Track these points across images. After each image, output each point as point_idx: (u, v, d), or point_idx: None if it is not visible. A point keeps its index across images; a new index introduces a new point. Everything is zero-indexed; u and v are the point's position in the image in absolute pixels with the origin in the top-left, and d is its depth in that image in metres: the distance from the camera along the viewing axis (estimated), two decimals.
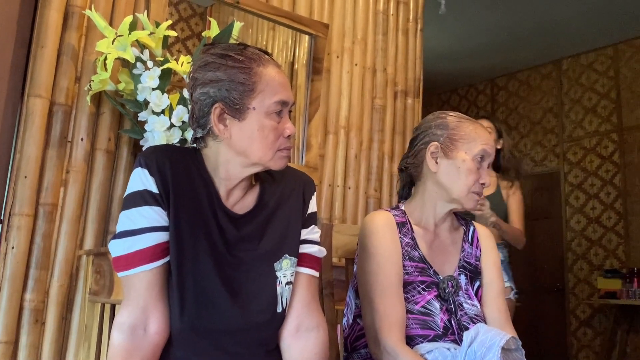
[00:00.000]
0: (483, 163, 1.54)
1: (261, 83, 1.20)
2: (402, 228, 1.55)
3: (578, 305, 6.20)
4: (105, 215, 2.23)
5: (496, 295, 1.58)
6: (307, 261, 1.34)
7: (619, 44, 6.15)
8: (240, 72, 1.19)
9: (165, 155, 1.21)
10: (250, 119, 1.19)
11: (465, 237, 1.64)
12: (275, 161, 1.23)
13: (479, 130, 1.56)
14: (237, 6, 2.67)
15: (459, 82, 7.56)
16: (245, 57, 1.21)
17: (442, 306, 1.48)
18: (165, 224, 1.17)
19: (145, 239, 1.16)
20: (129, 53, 2.09)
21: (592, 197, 6.23)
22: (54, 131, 2.15)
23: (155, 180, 1.17)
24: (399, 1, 3.43)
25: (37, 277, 2.07)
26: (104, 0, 2.31)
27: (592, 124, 6.31)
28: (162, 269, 1.18)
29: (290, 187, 1.35)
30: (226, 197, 1.26)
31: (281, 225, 1.30)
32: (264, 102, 1.19)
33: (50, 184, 2.12)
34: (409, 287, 1.48)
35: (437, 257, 1.56)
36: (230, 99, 1.18)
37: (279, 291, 1.26)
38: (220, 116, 1.20)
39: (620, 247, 5.94)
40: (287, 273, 1.28)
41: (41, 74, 2.12)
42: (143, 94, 2.09)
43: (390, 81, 3.29)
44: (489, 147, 1.54)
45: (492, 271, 1.60)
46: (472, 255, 1.61)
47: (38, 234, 2.09)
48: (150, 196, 1.17)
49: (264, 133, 1.20)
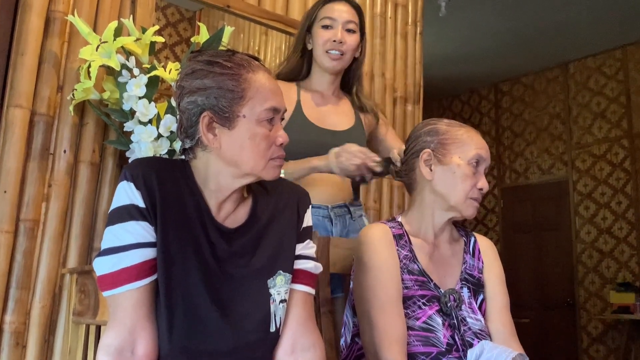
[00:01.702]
0: (479, 168, 1.55)
1: (251, 90, 1.20)
2: (400, 240, 1.55)
3: (590, 321, 6.19)
4: (89, 232, 2.22)
5: (500, 309, 1.59)
6: (302, 278, 1.34)
7: (628, 45, 6.18)
8: (228, 79, 1.20)
9: (152, 168, 1.20)
10: (240, 128, 1.19)
11: (467, 249, 1.64)
12: (267, 171, 1.23)
13: (472, 134, 1.58)
14: (228, 10, 2.67)
15: (461, 87, 7.59)
16: (233, 63, 1.22)
17: (444, 321, 1.47)
18: (153, 240, 1.17)
19: (131, 256, 1.15)
20: (114, 60, 2.09)
21: (602, 206, 6.24)
22: (35, 143, 2.15)
23: (141, 193, 1.17)
24: (398, 4, 3.44)
25: (18, 298, 2.05)
26: (88, 5, 2.31)
27: (602, 130, 6.33)
28: (149, 287, 1.17)
29: (284, 200, 1.35)
30: (217, 210, 1.25)
31: (275, 239, 1.30)
32: (254, 109, 1.20)
33: (31, 198, 2.12)
34: (408, 302, 1.48)
35: (437, 269, 1.56)
36: (219, 107, 1.19)
37: (272, 309, 1.25)
38: (209, 125, 1.20)
39: (633, 258, 5.94)
40: (281, 290, 1.27)
41: (21, 83, 2.12)
42: (129, 103, 2.09)
43: (389, 87, 3.30)
44: (483, 151, 1.56)
45: (495, 284, 1.61)
46: (474, 267, 1.61)
47: (18, 251, 2.08)
48: (137, 211, 1.16)
49: (255, 142, 1.20)
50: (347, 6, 2.06)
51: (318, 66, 2.07)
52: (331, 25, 2.01)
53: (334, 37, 1.99)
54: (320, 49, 2.02)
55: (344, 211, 2.00)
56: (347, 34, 2.01)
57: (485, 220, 7.25)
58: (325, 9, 2.04)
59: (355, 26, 2.04)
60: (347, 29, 2.02)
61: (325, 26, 2.02)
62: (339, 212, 1.99)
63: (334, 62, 2.02)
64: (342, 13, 2.02)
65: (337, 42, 1.99)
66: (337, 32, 2.00)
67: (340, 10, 2.03)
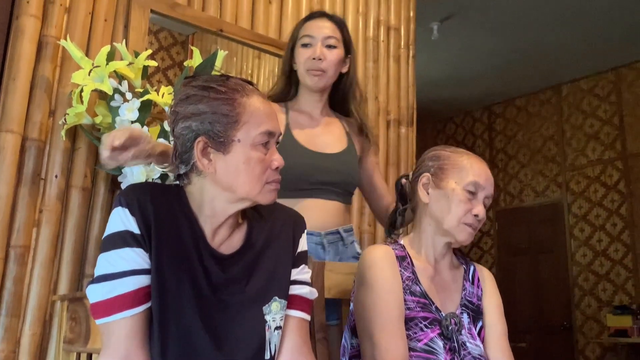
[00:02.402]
0: (478, 195, 1.56)
1: (245, 114, 1.20)
2: (402, 262, 1.56)
3: (587, 345, 6.17)
4: (81, 258, 2.21)
5: (499, 337, 1.60)
6: (297, 303, 1.33)
7: (620, 67, 6.25)
8: (223, 103, 1.20)
9: (146, 194, 1.20)
10: (235, 152, 1.19)
11: (466, 276, 1.65)
12: (263, 195, 1.23)
13: (473, 161, 1.59)
14: (221, 34, 2.69)
15: (454, 110, 7.64)
16: (228, 88, 1.22)
17: (445, 345, 1.48)
18: (147, 267, 1.16)
19: (126, 283, 1.14)
20: (106, 84, 2.10)
21: (598, 228, 6.25)
22: (26, 168, 2.14)
23: (136, 219, 1.16)
24: (390, 27, 3.48)
25: (8, 325, 2.03)
26: (80, 30, 2.32)
27: (595, 152, 6.37)
28: (143, 316, 1.15)
29: (279, 224, 1.35)
30: (212, 236, 1.25)
31: (270, 265, 1.29)
32: (249, 133, 1.20)
33: (22, 224, 2.11)
34: (410, 323, 1.48)
35: (438, 293, 1.57)
36: (213, 132, 1.18)
37: (267, 337, 1.24)
38: (203, 150, 1.19)
39: (629, 281, 5.94)
40: (276, 317, 1.26)
41: (13, 108, 2.12)
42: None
43: (383, 110, 3.32)
44: (482, 179, 1.56)
45: (494, 312, 1.63)
46: (473, 294, 1.62)
47: (9, 278, 2.06)
48: (132, 237, 1.15)
49: (250, 166, 1.20)
50: (327, 22, 2.03)
51: (303, 86, 2.05)
52: (310, 43, 1.99)
53: (313, 55, 1.97)
54: (302, 68, 2.00)
55: (336, 238, 1.98)
56: (327, 50, 1.98)
57: (480, 243, 7.25)
58: (304, 27, 2.03)
59: (336, 41, 2.00)
60: (327, 44, 1.99)
61: (305, 44, 2.00)
62: (331, 238, 1.97)
63: (316, 79, 1.99)
64: (320, 29, 2.00)
65: (317, 59, 1.96)
66: (317, 49, 1.97)
67: (319, 26, 2.01)
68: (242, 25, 2.82)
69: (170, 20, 2.57)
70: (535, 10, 5.12)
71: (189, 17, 2.58)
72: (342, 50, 2.03)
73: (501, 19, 5.30)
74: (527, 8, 5.10)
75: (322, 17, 2.04)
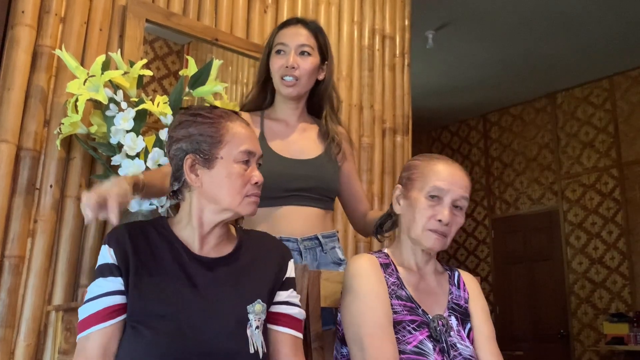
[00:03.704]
0: (444, 200, 1.56)
1: (228, 135, 1.38)
2: (387, 269, 1.59)
3: (584, 353, 6.17)
4: (75, 268, 2.21)
5: (487, 338, 1.61)
6: (288, 322, 1.43)
7: (615, 75, 6.28)
8: (209, 127, 1.38)
9: (125, 233, 1.36)
10: (218, 167, 1.36)
11: (451, 281, 1.68)
12: (243, 207, 1.38)
13: (440, 167, 1.61)
14: (216, 43, 2.70)
15: (449, 118, 7.66)
16: (214, 114, 1.40)
17: (435, 346, 1.49)
18: (120, 289, 1.31)
19: (97, 304, 1.29)
20: (101, 94, 2.09)
21: (593, 236, 6.27)
22: (21, 178, 2.14)
23: (114, 251, 1.32)
24: (385, 36, 3.49)
25: (2, 336, 2.02)
26: (75, 40, 2.32)
27: (591, 160, 6.39)
28: (114, 328, 1.29)
29: (267, 247, 1.49)
30: (200, 245, 1.40)
31: (256, 273, 1.42)
32: (231, 151, 1.37)
33: (17, 234, 2.10)
34: (398, 326, 1.50)
35: (424, 298, 1.59)
36: (200, 150, 1.37)
37: (249, 333, 1.32)
38: (192, 167, 1.37)
39: (625, 288, 5.95)
40: (258, 318, 1.36)
41: (8, 118, 2.12)
42: (116, 137, 2.09)
43: (378, 118, 3.32)
44: (444, 183, 1.57)
45: (481, 315, 1.64)
46: (460, 297, 1.65)
47: (3, 288, 2.05)
48: (107, 268, 1.32)
49: (231, 179, 1.36)
50: (302, 29, 2.01)
51: (278, 94, 2.03)
52: (283, 51, 1.97)
53: (286, 63, 1.95)
54: (276, 75, 1.98)
55: (314, 243, 1.96)
56: (300, 58, 1.96)
57: (476, 252, 7.26)
58: (279, 35, 2.01)
59: (310, 49, 1.98)
60: (301, 51, 1.97)
61: (278, 51, 1.98)
62: (308, 244, 1.95)
63: (290, 89, 1.98)
64: (294, 37, 1.98)
65: (289, 67, 1.94)
66: (290, 57, 1.96)
67: (293, 34, 1.99)
68: (237, 35, 2.83)
69: (166, 30, 2.57)
70: (530, 19, 5.15)
71: (184, 26, 2.59)
72: (318, 57, 2.01)
73: (496, 28, 5.33)
74: (522, 17, 5.13)
75: (297, 24, 2.02)
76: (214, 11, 2.78)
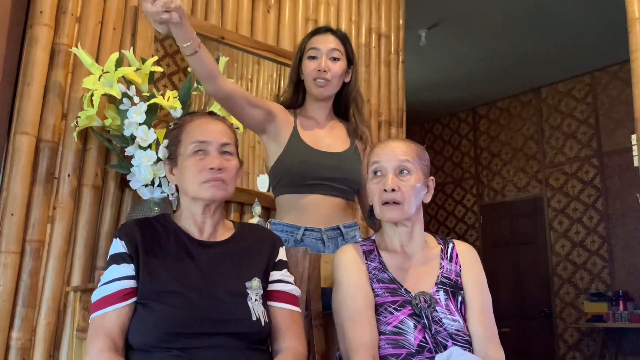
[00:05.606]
0: (388, 173, 1.60)
1: (184, 133, 1.48)
2: (370, 255, 1.60)
3: (566, 330, 6.19)
4: (92, 251, 2.21)
5: (480, 311, 1.55)
6: (284, 298, 1.47)
7: (595, 71, 6.26)
8: (175, 131, 1.50)
9: (133, 224, 1.46)
10: (181, 162, 1.46)
11: (443, 255, 1.63)
12: (202, 192, 1.43)
13: (379, 146, 1.68)
14: (222, 41, 2.69)
15: (441, 112, 7.64)
16: (183, 120, 1.53)
17: (416, 324, 1.47)
18: (131, 274, 1.36)
19: (113, 286, 1.35)
20: (115, 89, 2.09)
21: (575, 221, 6.26)
22: (40, 168, 2.14)
23: (124, 242, 1.39)
24: (381, 34, 3.47)
25: (24, 315, 2.03)
26: (90, 38, 2.32)
27: (573, 150, 6.38)
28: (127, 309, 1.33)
29: (260, 235, 1.55)
30: (199, 232, 1.47)
31: (253, 258, 1.47)
32: (186, 146, 1.46)
33: (37, 220, 2.10)
34: (380, 308, 1.50)
35: (409, 276, 1.57)
36: (170, 154, 1.50)
37: (250, 305, 1.37)
38: (170, 169, 1.50)
39: (605, 270, 5.96)
40: (255, 292, 1.41)
41: (28, 112, 2.12)
42: (129, 129, 2.09)
43: (375, 112, 3.32)
44: (380, 157, 1.61)
45: (474, 287, 1.59)
46: (451, 271, 1.60)
47: (25, 271, 2.06)
48: (119, 257, 1.38)
49: (189, 170, 1.44)
50: (331, 36, 2.10)
51: (310, 94, 2.11)
52: (316, 56, 2.06)
53: (319, 67, 2.03)
54: (308, 78, 2.07)
55: (336, 233, 2.01)
56: (331, 62, 2.05)
57: (466, 236, 7.26)
58: (311, 41, 2.10)
59: (339, 54, 2.07)
60: (332, 57, 2.06)
61: (311, 57, 2.07)
62: (331, 234, 2.00)
63: (321, 89, 2.06)
64: (325, 43, 2.07)
65: (322, 70, 2.03)
66: (322, 61, 2.04)
67: (324, 40, 2.08)
68: (242, 33, 2.82)
69: None
70: (516, 18, 5.13)
71: (192, 25, 2.57)
72: (345, 62, 2.10)
73: (485, 27, 5.31)
74: (509, 17, 5.11)
75: (327, 33, 2.11)
76: (220, 11, 2.77)
